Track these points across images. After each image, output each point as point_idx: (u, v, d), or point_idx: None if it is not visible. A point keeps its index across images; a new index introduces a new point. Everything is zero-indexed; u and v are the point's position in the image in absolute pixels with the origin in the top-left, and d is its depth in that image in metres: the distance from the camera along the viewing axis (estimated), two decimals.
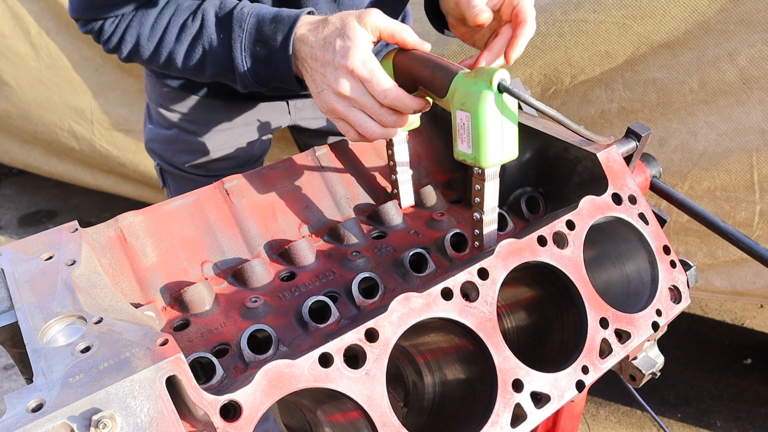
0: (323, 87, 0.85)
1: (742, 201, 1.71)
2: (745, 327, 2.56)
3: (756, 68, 1.56)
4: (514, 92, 0.71)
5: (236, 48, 0.95)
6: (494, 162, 0.76)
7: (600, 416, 2.25)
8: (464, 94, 0.74)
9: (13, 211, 3.76)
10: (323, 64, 0.84)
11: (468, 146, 0.76)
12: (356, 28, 0.82)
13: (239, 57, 0.95)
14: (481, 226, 0.82)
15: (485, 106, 0.72)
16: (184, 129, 1.35)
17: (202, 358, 0.67)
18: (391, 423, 0.60)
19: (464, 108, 0.74)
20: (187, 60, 1.00)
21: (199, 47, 0.98)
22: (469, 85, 0.73)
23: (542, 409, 0.68)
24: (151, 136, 1.42)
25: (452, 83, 0.76)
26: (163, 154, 1.39)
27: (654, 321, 0.80)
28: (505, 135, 0.75)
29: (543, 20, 1.69)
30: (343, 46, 0.81)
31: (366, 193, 0.99)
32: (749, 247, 0.88)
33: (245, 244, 0.87)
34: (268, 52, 0.92)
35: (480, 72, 0.73)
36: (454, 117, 0.76)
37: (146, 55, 1.02)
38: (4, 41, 2.64)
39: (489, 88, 0.72)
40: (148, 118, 1.44)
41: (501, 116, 0.73)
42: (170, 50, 1.00)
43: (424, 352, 0.82)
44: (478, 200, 0.81)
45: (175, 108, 1.33)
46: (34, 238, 0.74)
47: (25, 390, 0.51)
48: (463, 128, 0.75)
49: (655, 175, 1.00)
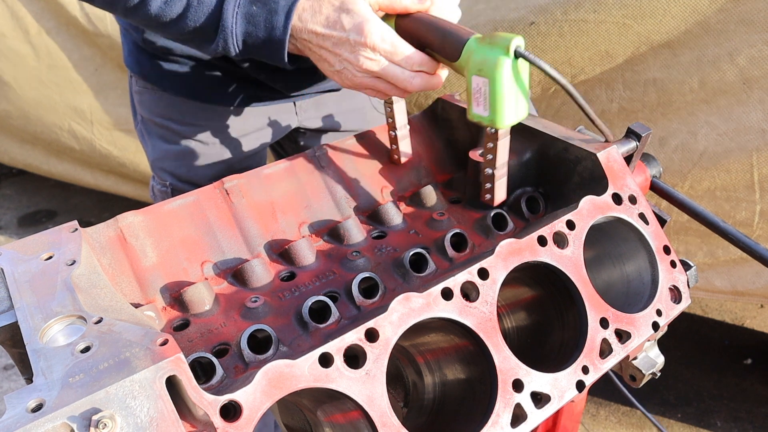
0: (343, 66, 0.85)
1: (742, 201, 1.71)
2: (745, 327, 2.56)
3: (756, 68, 1.56)
4: (531, 58, 0.74)
5: (229, 2, 0.87)
6: (509, 123, 0.80)
7: (600, 416, 2.25)
8: (481, 61, 0.77)
9: (13, 211, 3.76)
10: (335, 43, 0.83)
11: (484, 109, 0.79)
12: (357, 2, 0.82)
13: (230, 11, 0.87)
14: (493, 180, 0.88)
15: (503, 73, 0.75)
16: (200, 141, 1.28)
17: (202, 358, 0.67)
18: (391, 423, 0.60)
19: (481, 74, 0.77)
20: (165, 6, 0.88)
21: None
22: (485, 52, 0.76)
23: (542, 409, 0.68)
24: (158, 154, 1.33)
25: (465, 48, 0.79)
26: (177, 171, 1.31)
27: (654, 321, 0.80)
28: (519, 98, 0.79)
29: (543, 20, 1.69)
30: (353, 23, 0.81)
31: (366, 193, 0.99)
32: (749, 247, 0.88)
33: (245, 244, 0.87)
34: (266, 14, 0.86)
35: (495, 38, 0.76)
36: (470, 81, 0.79)
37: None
38: (4, 41, 2.64)
39: (506, 55, 0.74)
40: (146, 134, 1.35)
41: (516, 81, 0.77)
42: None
43: (424, 352, 0.82)
44: (491, 157, 0.86)
45: (187, 120, 1.27)
46: (34, 238, 0.74)
47: (25, 390, 0.51)
48: (480, 92, 0.78)
49: (655, 175, 1.00)
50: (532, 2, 1.69)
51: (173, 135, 1.29)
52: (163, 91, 1.25)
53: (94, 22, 2.43)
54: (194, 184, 1.30)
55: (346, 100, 1.39)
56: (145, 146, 1.38)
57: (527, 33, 1.71)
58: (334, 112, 1.39)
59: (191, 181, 1.32)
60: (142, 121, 1.36)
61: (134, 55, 1.26)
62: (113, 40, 2.45)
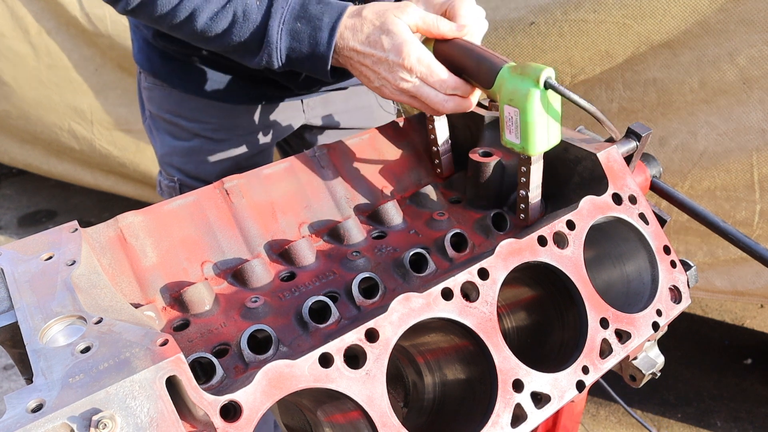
0: (382, 84, 0.89)
1: (742, 200, 1.71)
2: (745, 327, 2.56)
3: (756, 68, 1.56)
4: (560, 89, 0.77)
5: (275, 19, 0.90)
6: (540, 150, 0.83)
7: (600, 416, 2.25)
8: (512, 91, 0.79)
9: (13, 211, 3.76)
10: (374, 62, 0.87)
11: (516, 137, 0.82)
12: (398, 23, 0.85)
13: (275, 28, 0.90)
14: (527, 201, 0.90)
15: (533, 104, 0.78)
16: (209, 138, 1.29)
17: (202, 358, 0.67)
18: (391, 423, 0.60)
19: (512, 104, 0.80)
20: (211, 22, 0.92)
21: (230, 10, 0.91)
22: (516, 82, 0.79)
23: (542, 410, 0.68)
24: (167, 149, 1.34)
25: (498, 77, 0.82)
26: (185, 167, 1.33)
27: (654, 321, 0.80)
28: (550, 126, 0.81)
29: (543, 20, 1.69)
30: (393, 44, 0.85)
31: (366, 193, 0.99)
32: (749, 246, 0.88)
33: (245, 244, 0.87)
34: (311, 31, 0.89)
35: (526, 68, 0.79)
36: (502, 110, 0.82)
37: (162, 10, 0.91)
38: (4, 41, 2.64)
39: (536, 86, 0.77)
40: (155, 130, 1.36)
41: (547, 111, 0.80)
42: (194, 7, 0.91)
43: (425, 352, 0.82)
44: (524, 180, 0.88)
45: (196, 117, 1.27)
46: (34, 238, 0.74)
47: (25, 390, 0.50)
48: (511, 121, 0.81)
49: (656, 175, 1.00)
50: (532, 2, 1.69)
51: (182, 131, 1.30)
52: (172, 88, 1.26)
53: (94, 22, 2.44)
54: (202, 180, 1.32)
55: (353, 98, 1.39)
56: (153, 142, 1.39)
57: (527, 33, 1.71)
58: (341, 109, 1.40)
59: (199, 178, 1.33)
60: (150, 117, 1.37)
61: (144, 52, 1.27)
62: (113, 40, 2.45)
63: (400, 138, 1.06)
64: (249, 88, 1.23)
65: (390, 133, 1.06)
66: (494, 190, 0.96)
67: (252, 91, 1.24)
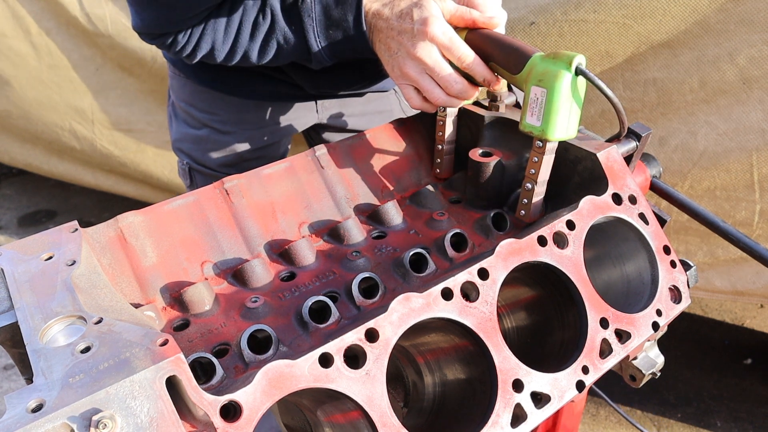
0: (398, 51, 0.91)
1: (742, 200, 1.71)
2: (745, 327, 2.56)
3: (756, 68, 1.56)
4: (590, 76, 0.79)
5: (310, 36, 1.01)
6: (559, 137, 0.83)
7: (600, 416, 2.25)
8: (542, 72, 0.81)
9: (13, 211, 3.76)
10: (400, 32, 0.91)
11: (537, 119, 0.83)
12: (432, 3, 0.89)
13: (314, 43, 1.01)
14: (531, 195, 0.89)
15: (562, 85, 0.79)
16: (216, 129, 1.34)
17: (202, 358, 0.67)
18: (391, 423, 0.60)
19: (541, 84, 0.81)
20: (262, 55, 1.04)
21: (273, 42, 1.03)
22: (548, 65, 0.81)
23: (542, 409, 0.68)
24: (179, 135, 1.42)
25: (528, 62, 0.83)
26: (193, 153, 1.39)
27: (654, 321, 0.80)
28: (572, 114, 0.83)
29: (543, 20, 1.69)
30: (421, 16, 0.88)
31: (366, 193, 0.99)
32: (749, 246, 0.88)
33: (245, 244, 0.87)
34: (343, 33, 0.99)
35: (559, 54, 0.81)
36: (528, 91, 0.83)
37: (221, 57, 1.05)
38: (5, 41, 2.64)
39: (568, 69, 0.79)
40: (173, 116, 1.44)
41: (573, 97, 0.81)
42: (245, 49, 1.04)
43: (424, 352, 0.82)
44: (533, 171, 0.87)
45: (206, 108, 1.33)
46: (34, 238, 0.74)
47: (25, 390, 0.51)
48: (536, 102, 0.82)
49: (655, 175, 1.00)
50: (532, 2, 1.69)
51: (193, 120, 1.37)
52: (186, 79, 1.32)
53: (95, 22, 2.44)
54: (208, 167, 1.39)
55: (373, 102, 1.41)
56: (170, 126, 1.47)
57: (527, 33, 1.71)
58: (359, 112, 1.42)
59: (205, 165, 1.39)
60: (171, 103, 1.44)
61: None
62: (113, 40, 2.45)
63: (400, 138, 1.06)
64: (259, 84, 1.26)
65: (390, 133, 1.06)
66: (494, 190, 0.96)
67: (261, 87, 1.26)
